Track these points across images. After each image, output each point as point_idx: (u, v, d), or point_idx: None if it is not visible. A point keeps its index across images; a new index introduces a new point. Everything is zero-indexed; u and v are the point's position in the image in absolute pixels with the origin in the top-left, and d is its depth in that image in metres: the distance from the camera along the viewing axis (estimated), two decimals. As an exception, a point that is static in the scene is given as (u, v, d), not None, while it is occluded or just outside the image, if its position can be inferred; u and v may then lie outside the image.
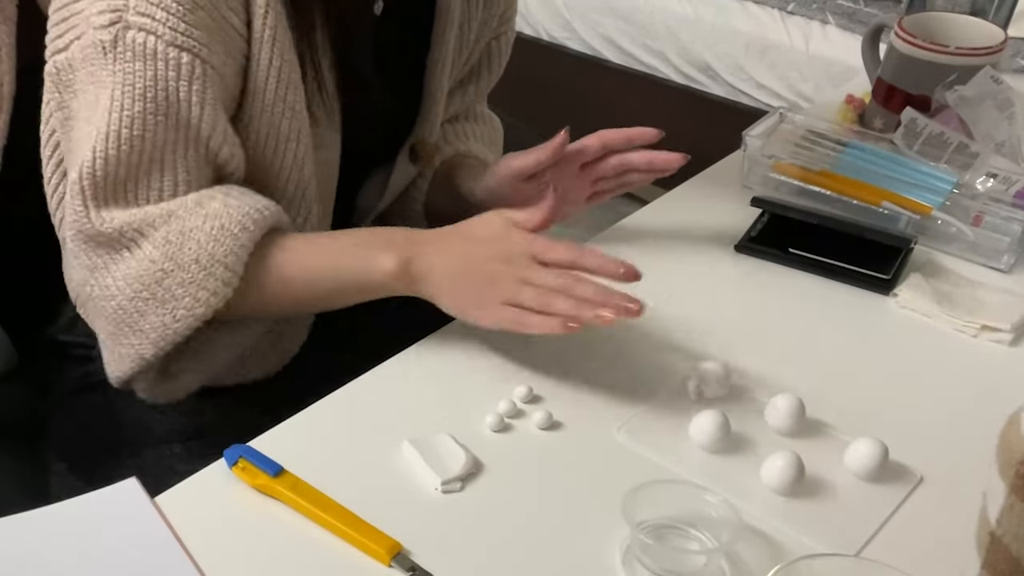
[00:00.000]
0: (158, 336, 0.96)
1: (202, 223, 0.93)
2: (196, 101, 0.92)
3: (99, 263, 0.96)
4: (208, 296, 0.94)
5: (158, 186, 0.95)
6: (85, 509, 0.83)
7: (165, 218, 0.94)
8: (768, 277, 1.15)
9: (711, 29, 2.62)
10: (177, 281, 0.94)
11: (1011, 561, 0.69)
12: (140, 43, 0.90)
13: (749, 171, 1.30)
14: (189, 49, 0.90)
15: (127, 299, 0.95)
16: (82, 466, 1.10)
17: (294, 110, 0.98)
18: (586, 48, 2.85)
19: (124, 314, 0.96)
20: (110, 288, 0.96)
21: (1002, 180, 1.20)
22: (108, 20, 0.90)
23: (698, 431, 0.89)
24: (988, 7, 1.52)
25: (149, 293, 0.95)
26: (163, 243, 0.94)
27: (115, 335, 0.98)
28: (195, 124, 0.93)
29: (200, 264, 0.93)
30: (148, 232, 0.94)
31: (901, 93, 1.35)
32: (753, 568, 0.79)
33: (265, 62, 0.95)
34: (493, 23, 1.21)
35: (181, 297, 0.94)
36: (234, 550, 0.79)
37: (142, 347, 0.97)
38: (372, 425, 0.92)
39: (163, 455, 1.07)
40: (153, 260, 0.94)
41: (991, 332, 1.07)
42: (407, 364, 0.99)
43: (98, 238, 0.95)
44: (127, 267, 0.95)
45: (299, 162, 1.01)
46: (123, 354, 0.99)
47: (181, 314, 0.94)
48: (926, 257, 1.19)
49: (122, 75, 0.90)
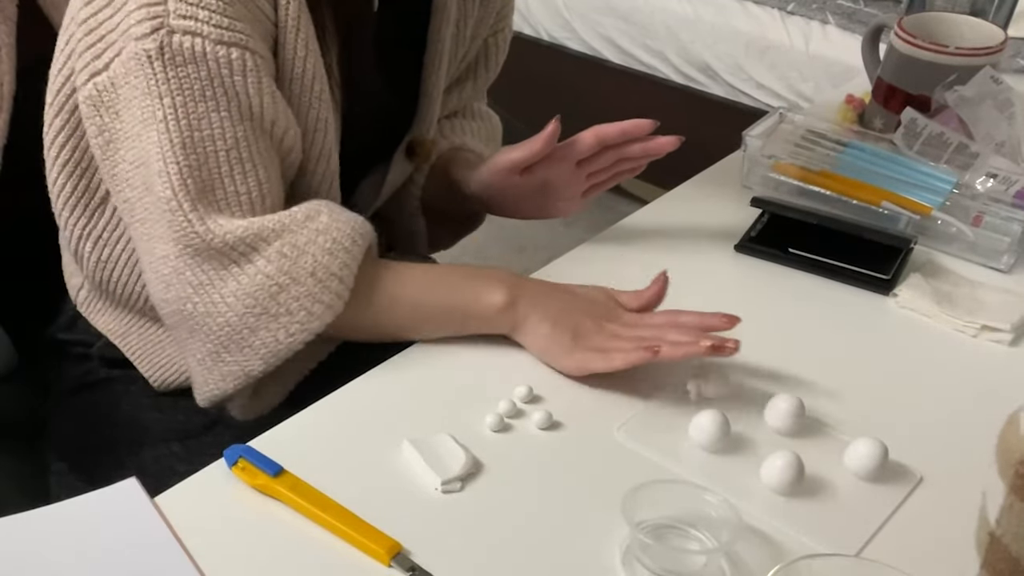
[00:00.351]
0: (268, 352, 0.94)
1: (315, 236, 0.93)
2: (254, 92, 0.91)
3: (205, 279, 0.93)
4: (323, 310, 0.93)
5: (244, 188, 0.93)
6: (85, 509, 0.83)
7: (278, 232, 0.93)
8: (768, 277, 1.15)
9: (711, 29, 2.62)
10: (293, 295, 0.92)
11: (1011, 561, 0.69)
12: (188, 47, 0.89)
13: (749, 171, 1.30)
14: (236, 44, 0.90)
15: (237, 315, 0.93)
16: (82, 466, 1.11)
17: (321, 99, 0.98)
18: (586, 48, 2.85)
19: (232, 331, 0.94)
20: (218, 305, 0.93)
21: (1002, 180, 1.20)
22: (150, 28, 0.89)
23: (698, 431, 0.89)
24: (988, 7, 1.52)
25: (262, 308, 0.93)
26: (278, 257, 0.92)
27: (217, 353, 0.95)
28: (258, 113, 0.93)
29: (316, 277, 0.92)
30: (261, 246, 0.93)
31: (901, 93, 1.35)
32: (753, 568, 0.79)
33: (291, 51, 0.95)
34: (490, 20, 1.21)
35: (296, 311, 0.93)
36: (234, 550, 0.79)
37: (249, 364, 0.95)
38: (372, 425, 0.92)
39: (162, 454, 1.07)
40: (268, 275, 0.92)
41: (991, 332, 1.07)
42: (407, 364, 0.99)
43: (207, 251, 0.93)
44: (238, 283, 0.93)
45: (327, 152, 1.01)
46: (226, 372, 0.96)
47: (295, 328, 0.93)
48: (926, 257, 1.19)
49: (176, 81, 0.89)
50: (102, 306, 1.10)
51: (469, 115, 1.29)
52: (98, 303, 1.10)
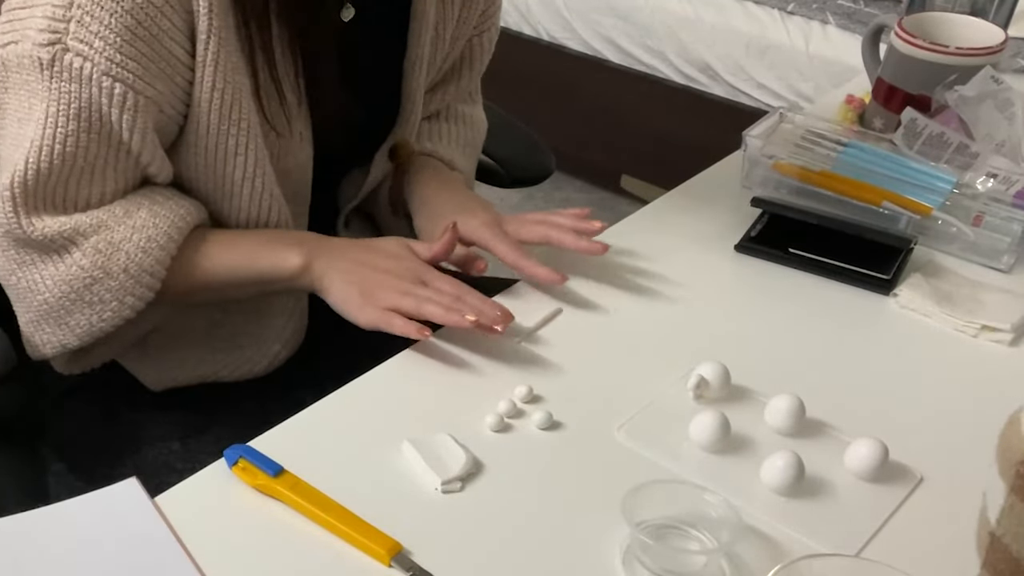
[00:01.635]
0: (83, 332, 1.01)
1: (130, 235, 0.98)
2: (127, 128, 0.95)
3: (27, 259, 1.00)
4: (134, 301, 1.00)
5: (86, 193, 0.99)
6: (85, 509, 0.83)
7: (95, 228, 0.98)
8: (768, 277, 1.15)
9: (711, 29, 2.62)
10: (105, 287, 0.99)
11: (1011, 561, 0.69)
12: (77, 67, 0.92)
13: (749, 171, 1.30)
14: (122, 80, 0.93)
15: (54, 297, 1.00)
16: (81, 466, 1.11)
17: (239, 127, 1.00)
18: (586, 48, 2.85)
19: (50, 309, 1.01)
20: (37, 284, 1.00)
21: (1002, 180, 1.20)
22: (47, 40, 0.92)
23: (698, 431, 0.89)
24: (988, 7, 1.52)
25: (76, 295, 1.00)
26: (92, 252, 0.98)
27: (37, 323, 1.03)
28: (125, 144, 0.97)
29: (128, 273, 0.99)
30: (78, 240, 0.98)
31: (901, 93, 1.35)
32: (753, 568, 0.79)
33: (208, 85, 0.98)
34: (473, 20, 1.21)
35: (109, 301, 1.00)
36: (234, 550, 0.79)
37: (66, 339, 1.03)
38: (372, 425, 0.92)
39: (162, 453, 1.07)
40: (82, 267, 0.98)
41: (991, 332, 1.07)
42: (407, 364, 0.99)
43: (27, 241, 0.99)
44: (56, 270, 0.99)
45: (250, 174, 1.03)
46: (45, 340, 1.04)
47: (108, 316, 1.00)
48: (926, 257, 1.19)
49: (58, 93, 0.93)
50: None
51: (451, 118, 1.28)
52: None
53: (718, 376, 0.95)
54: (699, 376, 0.94)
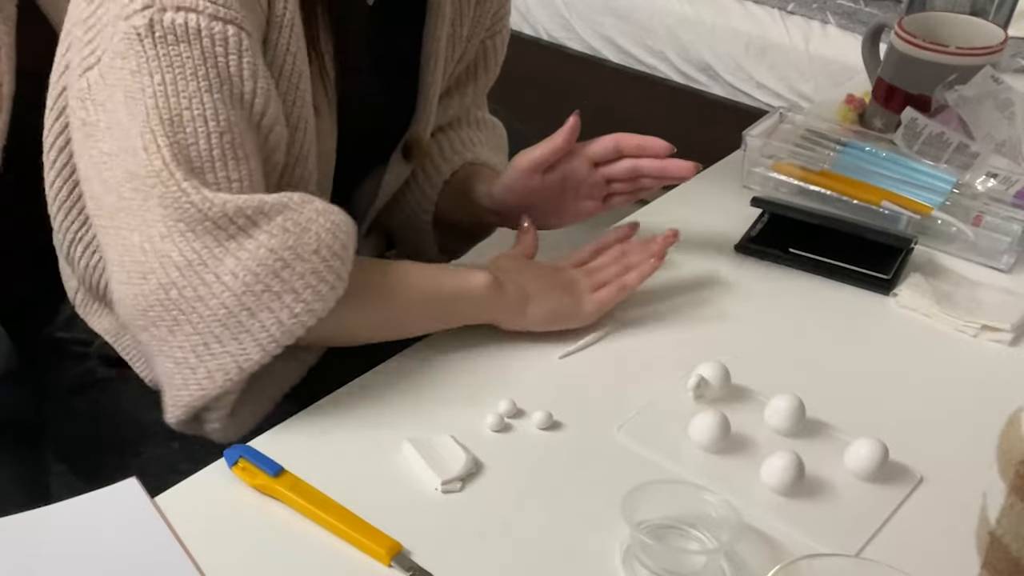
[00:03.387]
0: (268, 337, 0.87)
1: (316, 216, 0.89)
2: (248, 75, 0.88)
3: (196, 258, 0.86)
4: (327, 290, 0.88)
5: (236, 176, 0.89)
6: (85, 509, 0.83)
7: (279, 208, 0.88)
8: (768, 277, 1.15)
9: (711, 29, 2.62)
10: (298, 272, 0.87)
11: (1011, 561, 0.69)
12: (181, 23, 0.85)
13: (749, 171, 1.30)
14: (232, 21, 0.86)
15: (235, 295, 0.86)
16: (82, 466, 1.11)
17: (305, 99, 0.97)
18: (586, 48, 2.85)
19: (228, 314, 0.87)
20: (212, 286, 0.86)
21: (1002, 180, 1.20)
22: (141, 4, 0.85)
23: (698, 431, 0.89)
24: (988, 7, 1.52)
25: (264, 286, 0.86)
26: (280, 231, 0.87)
27: (207, 345, 0.88)
28: (249, 100, 0.89)
29: (320, 255, 0.88)
30: (261, 220, 0.87)
31: (901, 93, 1.35)
32: (753, 568, 0.79)
33: (283, 47, 0.93)
34: (486, 21, 1.21)
35: (302, 291, 0.87)
36: (234, 550, 0.79)
37: (245, 352, 0.88)
38: (372, 425, 0.92)
39: (163, 453, 1.07)
40: (272, 248, 0.86)
41: (991, 332, 1.07)
42: (407, 364, 0.99)
43: (203, 224, 0.86)
44: (237, 258, 0.86)
45: (304, 152, 1.00)
46: (214, 368, 0.88)
47: (300, 308, 0.87)
48: (926, 257, 1.19)
49: (167, 59, 0.85)
50: (97, 308, 1.10)
51: (475, 125, 1.28)
52: (93, 305, 1.10)
53: (718, 376, 0.95)
54: (699, 376, 0.94)
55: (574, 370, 0.99)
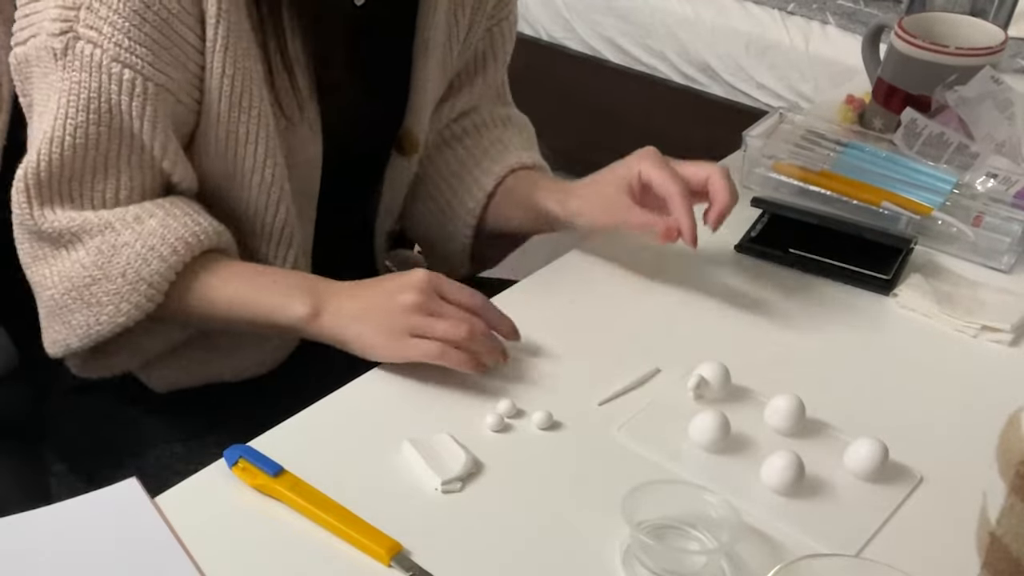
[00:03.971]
0: (83, 333, 1.01)
1: (134, 240, 0.97)
2: (137, 115, 0.95)
3: (39, 254, 1.01)
4: (130, 308, 0.98)
5: (101, 188, 0.98)
6: (85, 509, 0.83)
7: (102, 228, 0.98)
8: (768, 277, 1.15)
9: (711, 29, 2.62)
10: (103, 290, 0.98)
11: (1011, 561, 0.69)
12: (88, 54, 0.92)
13: (749, 171, 1.30)
14: (131, 66, 0.93)
15: (59, 293, 1.00)
16: (83, 467, 1.10)
17: (250, 114, 1.00)
18: (586, 48, 2.85)
19: (55, 305, 1.01)
20: (46, 279, 1.01)
21: (1002, 180, 1.20)
22: (59, 29, 0.93)
23: (698, 431, 0.89)
24: (988, 7, 1.52)
25: (77, 293, 0.99)
26: (95, 252, 0.98)
27: (47, 319, 1.03)
28: (137, 135, 0.96)
29: (126, 279, 0.97)
30: (84, 238, 0.98)
31: (901, 93, 1.35)
32: (753, 568, 0.79)
33: (219, 71, 0.97)
34: (488, 8, 1.19)
35: (105, 304, 0.98)
36: (234, 550, 0.79)
37: (68, 338, 1.02)
38: (372, 425, 0.92)
39: (164, 455, 1.07)
40: (84, 265, 0.98)
41: (991, 332, 1.07)
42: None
43: (40, 233, 1.00)
44: (62, 266, 1.00)
45: (260, 163, 1.02)
46: (54, 339, 1.03)
47: (104, 319, 0.99)
48: (926, 257, 1.19)
49: (69, 83, 0.94)
50: None
51: (502, 124, 1.25)
52: None
53: (718, 376, 0.95)
54: (699, 376, 0.94)
55: (574, 370, 0.99)
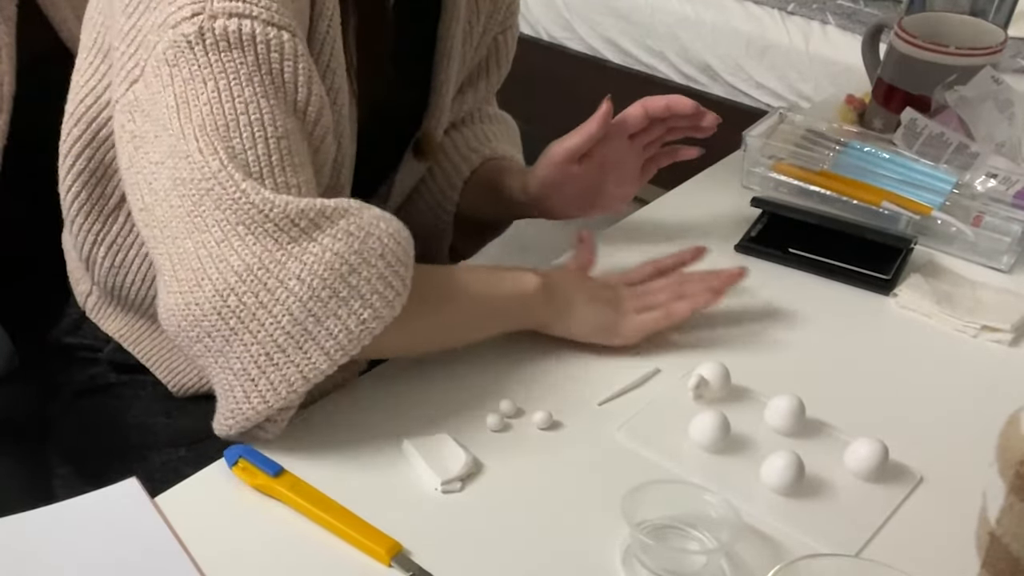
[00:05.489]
0: (335, 345, 0.83)
1: (377, 221, 0.86)
2: (303, 81, 0.86)
3: (256, 262, 0.82)
4: (394, 296, 0.85)
5: (295, 182, 0.85)
6: (85, 509, 0.83)
7: (342, 212, 0.84)
8: (768, 277, 1.15)
9: (711, 29, 2.62)
10: (364, 278, 0.83)
11: (1011, 561, 0.69)
12: (234, 29, 0.82)
13: (749, 171, 1.30)
14: (286, 27, 0.84)
15: (300, 301, 0.82)
16: (87, 469, 1.10)
17: (342, 91, 0.95)
18: (586, 48, 2.85)
19: (292, 321, 0.82)
20: (276, 291, 0.81)
21: (1002, 180, 1.20)
22: (190, 12, 0.83)
23: (698, 431, 0.89)
24: (988, 7, 1.52)
25: (332, 291, 0.82)
26: (344, 234, 0.83)
27: (269, 356, 0.83)
28: (302, 107, 0.87)
29: (386, 260, 0.84)
30: (324, 223, 0.83)
31: (901, 93, 1.35)
32: (753, 568, 0.79)
33: (322, 39, 0.91)
34: (499, 16, 1.20)
35: (368, 295, 0.83)
36: (234, 550, 0.79)
37: (311, 361, 0.83)
38: (372, 425, 0.92)
39: (169, 459, 1.07)
40: (337, 252, 0.82)
41: (991, 332, 1.07)
42: (407, 364, 0.99)
43: (263, 226, 0.82)
44: (302, 262, 0.82)
45: (342, 156, 0.99)
46: (277, 379, 0.83)
47: (367, 315, 0.83)
48: (926, 257, 1.19)
49: (220, 65, 0.83)
50: (113, 311, 1.09)
51: (487, 119, 1.27)
52: (108, 308, 1.09)
53: (718, 376, 0.95)
54: (699, 376, 0.94)
55: (574, 370, 0.99)
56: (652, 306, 1.02)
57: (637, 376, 0.98)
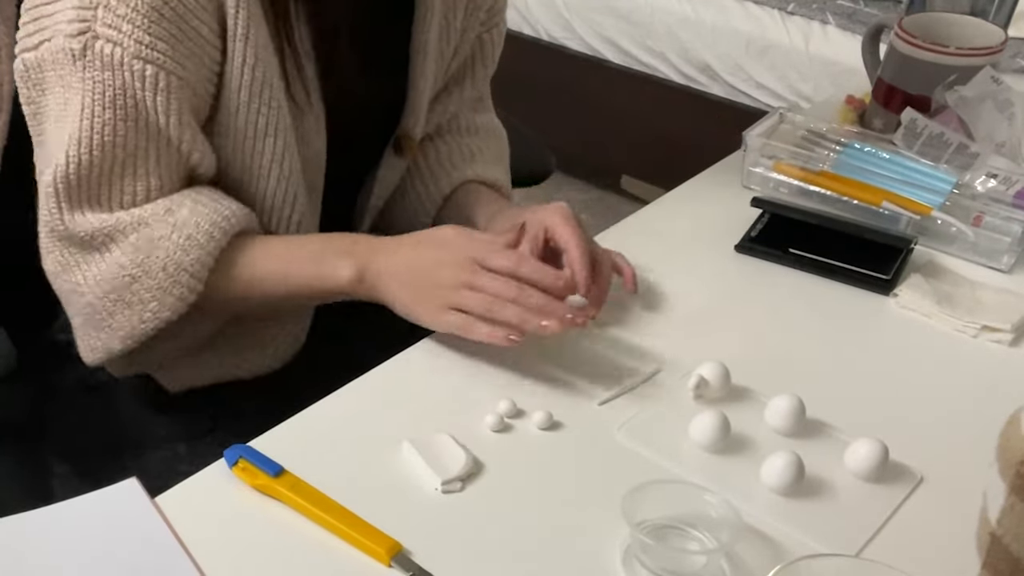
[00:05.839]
0: (125, 334, 1.00)
1: (170, 232, 0.97)
2: (163, 110, 0.95)
3: (71, 261, 1.00)
4: (174, 301, 0.98)
5: (131, 190, 0.98)
6: (85, 509, 0.83)
7: (135, 225, 0.97)
8: (768, 277, 1.15)
9: (711, 29, 2.62)
10: (145, 287, 0.98)
11: (1011, 561, 0.69)
12: (108, 53, 0.92)
13: (749, 171, 1.30)
14: (153, 61, 0.93)
15: (96, 298, 1.00)
16: (84, 468, 1.10)
17: (270, 105, 1.00)
18: (586, 48, 2.85)
19: (93, 311, 1.00)
20: (80, 286, 1.00)
21: (1002, 180, 1.20)
22: (77, 29, 0.92)
23: (698, 431, 0.89)
24: (988, 7, 1.52)
25: (117, 295, 0.99)
26: (132, 250, 0.97)
27: (84, 327, 1.03)
28: (163, 130, 0.96)
29: (167, 272, 0.97)
30: (118, 238, 0.98)
31: (901, 93, 1.35)
32: (753, 568, 0.79)
33: (239, 61, 0.97)
34: (481, 15, 1.20)
35: (148, 301, 0.98)
36: (234, 550, 0.79)
37: (110, 343, 1.02)
38: (372, 425, 0.92)
39: (166, 456, 1.07)
40: (122, 265, 0.98)
41: (991, 332, 1.07)
42: (407, 364, 0.99)
43: (71, 238, 0.99)
44: (98, 269, 0.99)
45: (279, 156, 1.02)
46: (93, 346, 1.03)
47: (148, 316, 0.99)
48: (926, 257, 1.19)
49: (92, 83, 0.93)
50: None
51: (475, 132, 1.26)
52: None
53: (718, 376, 0.95)
54: (699, 376, 0.94)
55: (574, 370, 0.99)
56: (462, 307, 0.94)
57: (637, 376, 0.98)
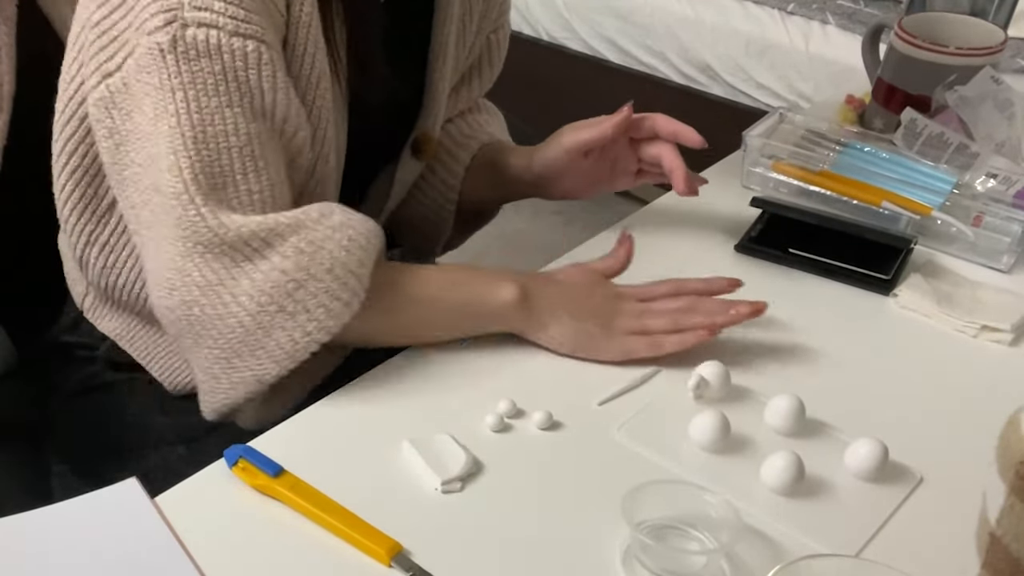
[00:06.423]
0: (283, 353, 0.90)
1: (331, 233, 0.90)
2: (268, 87, 0.90)
3: (215, 278, 0.90)
4: (342, 307, 0.90)
5: (257, 188, 0.91)
6: (85, 509, 0.83)
7: (294, 228, 0.90)
8: (768, 277, 1.15)
9: (711, 29, 2.62)
10: (311, 292, 0.89)
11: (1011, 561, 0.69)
12: (202, 39, 0.86)
13: (749, 171, 1.30)
14: (252, 36, 0.88)
15: (250, 315, 0.89)
16: (85, 468, 1.10)
17: (324, 97, 0.97)
18: (586, 48, 2.85)
19: (245, 332, 0.90)
20: (229, 305, 0.89)
21: (1002, 180, 1.20)
22: (163, 21, 0.87)
23: (698, 431, 0.89)
24: (988, 7, 1.52)
25: (278, 306, 0.89)
26: (294, 252, 0.89)
27: (227, 360, 0.92)
28: (270, 110, 0.91)
29: (334, 274, 0.90)
30: (276, 242, 0.89)
31: (901, 93, 1.35)
32: (753, 568, 0.79)
33: (302, 47, 0.94)
34: (492, 15, 1.21)
35: (314, 309, 0.89)
36: (234, 550, 0.79)
37: (263, 368, 0.91)
38: (372, 425, 0.92)
39: (168, 457, 1.07)
40: (285, 270, 0.89)
41: (991, 332, 1.07)
42: (407, 364, 0.99)
43: (218, 247, 0.89)
44: (251, 280, 0.89)
45: (326, 151, 1.00)
46: (236, 380, 0.92)
47: (313, 327, 0.90)
48: (926, 257, 1.19)
49: (190, 75, 0.87)
50: (108, 311, 1.09)
51: (477, 109, 1.30)
52: (104, 308, 1.09)
53: (718, 376, 0.95)
54: (699, 376, 0.94)
55: (574, 370, 0.99)
56: (647, 330, 0.99)
57: (637, 376, 0.98)
